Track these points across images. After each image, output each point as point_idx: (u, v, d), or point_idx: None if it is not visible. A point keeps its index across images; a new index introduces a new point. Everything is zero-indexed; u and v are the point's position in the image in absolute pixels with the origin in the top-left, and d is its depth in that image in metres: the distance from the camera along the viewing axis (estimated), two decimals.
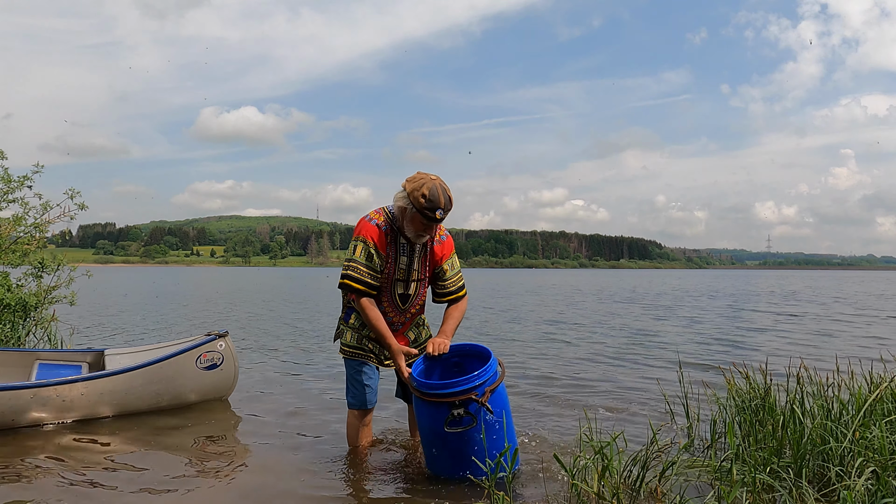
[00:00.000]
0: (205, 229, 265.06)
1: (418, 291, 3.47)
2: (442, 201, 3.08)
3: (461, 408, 2.95)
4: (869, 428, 2.92)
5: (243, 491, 3.21)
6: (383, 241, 3.26)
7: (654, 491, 2.86)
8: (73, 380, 4.30)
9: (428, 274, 3.47)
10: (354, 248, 3.26)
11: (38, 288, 6.72)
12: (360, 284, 3.22)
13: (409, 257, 3.35)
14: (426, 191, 3.05)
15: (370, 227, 3.26)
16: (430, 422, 3.07)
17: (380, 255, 3.25)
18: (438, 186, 3.08)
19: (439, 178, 3.14)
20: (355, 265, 3.23)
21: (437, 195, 3.06)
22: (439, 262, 3.46)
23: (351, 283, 3.22)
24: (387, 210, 3.33)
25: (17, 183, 6.63)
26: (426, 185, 3.07)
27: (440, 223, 3.19)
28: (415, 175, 3.18)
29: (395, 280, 3.35)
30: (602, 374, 6.55)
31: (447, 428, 2.97)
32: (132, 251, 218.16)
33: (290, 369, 6.80)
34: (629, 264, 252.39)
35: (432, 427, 3.07)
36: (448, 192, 3.13)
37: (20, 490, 3.14)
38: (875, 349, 8.20)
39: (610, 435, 3.12)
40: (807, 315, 14.66)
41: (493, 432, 3.02)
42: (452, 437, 3.00)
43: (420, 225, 3.17)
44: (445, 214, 3.12)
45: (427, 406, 3.06)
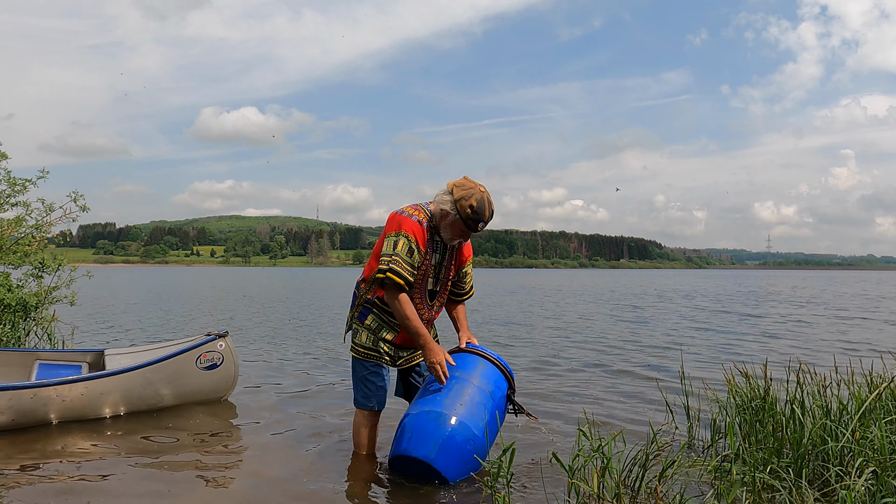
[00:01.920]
0: (205, 229, 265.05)
1: (444, 288, 3.51)
2: (487, 214, 3.16)
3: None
4: (869, 428, 2.92)
5: (244, 491, 3.21)
6: (424, 238, 3.25)
7: (653, 491, 2.87)
8: (73, 380, 4.30)
9: (454, 271, 3.53)
10: (396, 243, 3.20)
11: (39, 288, 6.72)
12: (403, 280, 3.18)
13: (441, 255, 3.39)
14: (474, 202, 3.12)
15: (413, 224, 3.22)
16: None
17: (420, 251, 3.23)
18: (486, 199, 3.15)
19: (486, 191, 3.19)
20: (398, 259, 3.18)
21: (483, 208, 3.13)
22: (464, 263, 3.56)
23: (395, 277, 3.16)
24: (424, 208, 3.30)
25: (20, 186, 6.64)
26: (475, 196, 3.13)
27: (479, 233, 3.25)
28: (463, 181, 3.20)
29: (427, 278, 3.38)
30: (601, 373, 6.55)
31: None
32: (132, 251, 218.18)
33: (290, 369, 6.80)
34: (629, 264, 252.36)
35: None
36: (492, 206, 3.20)
37: (20, 490, 3.14)
38: (802, 351, 8.26)
39: (609, 434, 3.12)
40: (767, 315, 14.53)
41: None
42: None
43: (459, 231, 3.22)
44: (485, 226, 3.20)
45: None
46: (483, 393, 3.25)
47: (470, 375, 3.31)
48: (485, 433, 3.14)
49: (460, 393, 3.20)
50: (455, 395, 3.19)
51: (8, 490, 3.12)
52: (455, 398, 3.18)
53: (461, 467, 3.12)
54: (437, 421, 3.10)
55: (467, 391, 3.21)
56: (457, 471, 3.12)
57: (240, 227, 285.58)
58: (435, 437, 3.07)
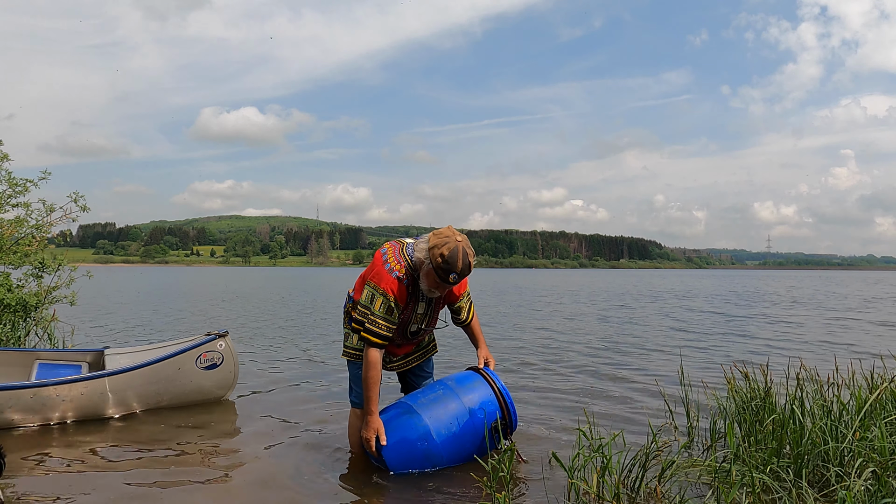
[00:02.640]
0: (205, 229, 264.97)
1: (430, 326, 3.50)
2: (459, 266, 3.02)
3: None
4: (869, 428, 2.92)
5: (243, 491, 3.21)
6: (404, 295, 3.20)
7: (653, 491, 2.87)
8: (73, 379, 4.30)
9: (442, 307, 3.52)
10: (373, 300, 3.18)
11: (39, 288, 6.72)
12: (377, 338, 3.19)
13: (427, 304, 3.36)
14: (446, 251, 3.01)
15: (391, 281, 3.17)
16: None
17: (398, 307, 3.20)
18: (460, 250, 3.03)
19: (465, 241, 3.10)
20: (374, 319, 3.17)
21: (455, 259, 3.01)
22: (456, 300, 3.51)
23: (369, 336, 3.19)
24: (406, 255, 3.24)
25: (21, 187, 6.65)
26: (448, 246, 3.02)
27: (452, 286, 3.16)
28: (443, 230, 3.13)
29: (409, 324, 3.38)
30: (601, 374, 6.55)
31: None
32: (132, 251, 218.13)
33: (290, 369, 6.80)
34: (629, 264, 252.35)
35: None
36: (469, 258, 3.06)
37: (19, 490, 3.14)
38: (783, 351, 8.23)
39: (609, 434, 3.12)
40: (753, 317, 14.50)
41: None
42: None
43: (434, 282, 3.15)
44: (460, 279, 3.08)
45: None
46: (462, 407, 3.29)
47: (460, 389, 3.36)
48: (445, 441, 3.22)
49: (439, 398, 3.31)
50: (433, 398, 3.32)
51: (7, 490, 3.12)
52: (431, 401, 3.30)
53: (403, 460, 3.25)
54: (402, 413, 3.30)
55: (447, 399, 3.30)
56: (398, 461, 3.25)
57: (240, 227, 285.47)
58: (393, 427, 3.26)
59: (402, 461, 3.26)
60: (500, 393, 3.39)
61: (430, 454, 3.24)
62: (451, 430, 3.26)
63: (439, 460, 3.27)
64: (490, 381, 3.42)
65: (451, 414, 3.27)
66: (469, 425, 3.28)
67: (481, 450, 3.30)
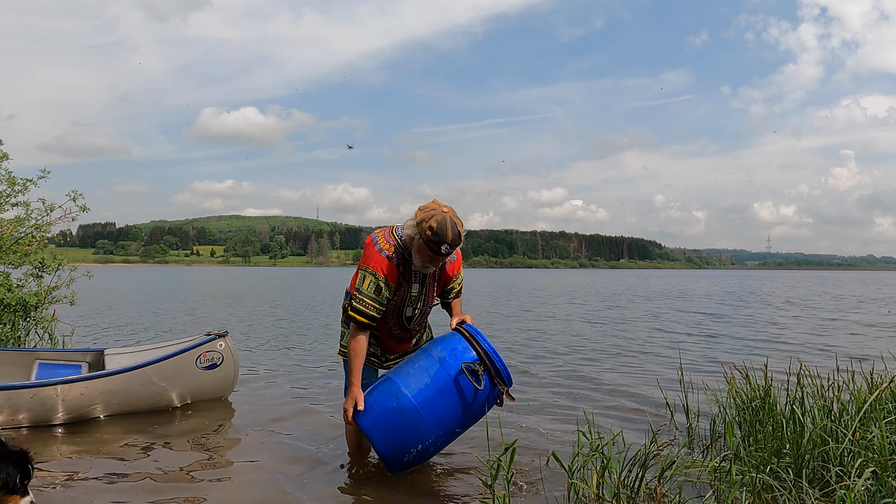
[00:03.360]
0: (205, 229, 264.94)
1: (425, 313, 3.46)
2: (449, 236, 2.99)
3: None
4: (869, 428, 2.92)
5: (243, 491, 3.21)
6: (394, 274, 3.17)
7: (653, 491, 2.87)
8: (73, 379, 4.30)
9: (437, 294, 3.47)
10: (363, 279, 3.16)
11: (39, 288, 6.72)
12: (365, 318, 3.17)
13: (420, 284, 3.30)
14: (434, 223, 2.98)
15: (380, 260, 3.15)
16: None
17: (389, 287, 3.17)
18: (448, 220, 2.99)
19: (452, 211, 3.06)
20: (362, 298, 3.15)
21: (444, 229, 2.98)
22: (450, 281, 3.46)
23: (356, 315, 3.17)
24: (396, 235, 3.21)
25: (20, 186, 6.65)
26: (435, 218, 2.99)
27: (446, 258, 3.12)
28: (428, 204, 3.10)
29: (402, 306, 3.31)
30: (600, 374, 6.55)
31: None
32: (132, 251, 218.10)
33: (290, 369, 6.81)
34: (629, 264, 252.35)
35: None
36: (458, 228, 3.04)
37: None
38: (761, 352, 8.25)
39: (609, 434, 3.12)
40: (735, 319, 14.49)
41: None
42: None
43: (426, 256, 3.11)
44: (452, 250, 3.04)
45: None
46: (429, 358, 3.15)
47: (427, 346, 3.27)
48: (419, 395, 3.03)
49: (408, 360, 3.25)
50: (403, 362, 3.27)
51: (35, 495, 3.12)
52: (401, 364, 3.25)
53: (381, 427, 3.05)
54: (379, 384, 3.20)
55: (414, 357, 3.23)
56: (377, 430, 3.06)
57: (240, 226, 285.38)
58: (369, 395, 3.16)
59: (381, 428, 3.04)
60: (472, 336, 3.17)
61: (406, 413, 3.01)
62: (423, 382, 3.06)
63: (419, 420, 3.01)
64: (461, 330, 3.24)
65: (418, 367, 3.12)
66: (441, 374, 3.08)
67: (469, 405, 3.08)
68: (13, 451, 2.54)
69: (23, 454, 2.55)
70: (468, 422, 3.20)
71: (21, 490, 2.55)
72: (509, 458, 2.73)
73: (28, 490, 2.59)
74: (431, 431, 3.07)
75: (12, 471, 2.51)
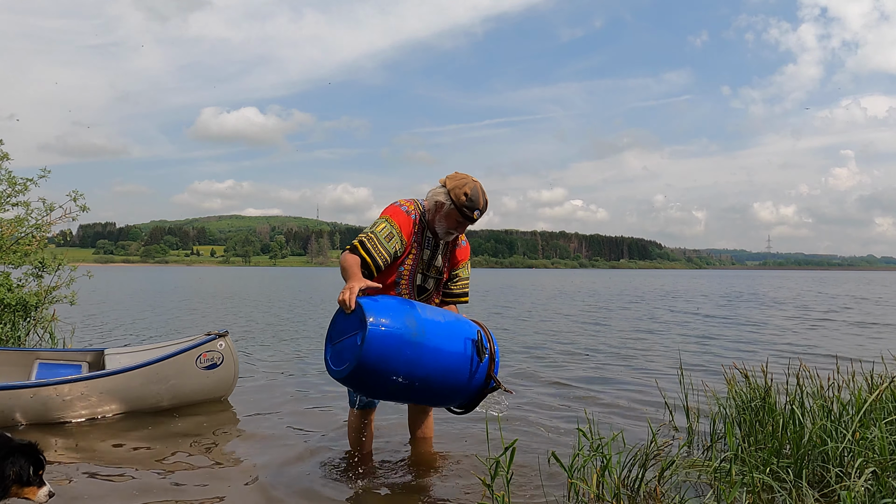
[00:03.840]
0: (205, 229, 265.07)
1: (438, 289, 3.47)
2: (481, 203, 3.17)
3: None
4: (869, 429, 2.92)
5: (243, 491, 3.21)
6: (410, 230, 3.23)
7: (653, 491, 2.87)
8: (73, 379, 4.30)
9: (447, 272, 3.48)
10: (378, 224, 3.20)
11: (39, 288, 6.73)
12: (362, 248, 3.11)
13: (432, 251, 3.35)
14: (468, 190, 3.14)
15: (401, 214, 3.23)
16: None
17: (402, 240, 3.19)
18: (479, 189, 3.18)
19: (479, 181, 3.21)
20: (369, 234, 3.16)
21: (477, 196, 3.15)
22: (458, 265, 3.51)
23: (360, 248, 3.11)
24: (419, 203, 3.32)
25: (20, 186, 6.65)
26: (468, 185, 3.15)
27: (473, 223, 3.24)
28: (455, 174, 3.24)
29: (415, 272, 3.34)
30: (600, 374, 6.55)
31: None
32: (132, 251, 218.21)
33: (290, 368, 6.81)
34: (629, 265, 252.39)
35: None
36: (486, 196, 3.21)
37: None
38: (737, 353, 8.24)
39: (609, 434, 3.12)
40: (736, 319, 14.48)
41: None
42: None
43: (454, 222, 3.20)
44: (481, 216, 3.19)
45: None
46: (448, 312, 3.09)
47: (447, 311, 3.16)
48: (429, 322, 2.88)
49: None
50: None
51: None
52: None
53: (381, 313, 2.76)
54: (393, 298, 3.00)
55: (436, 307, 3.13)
56: (375, 311, 2.76)
57: (240, 226, 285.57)
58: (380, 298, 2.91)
59: (379, 313, 2.76)
60: (481, 325, 3.10)
61: (411, 321, 2.82)
62: (437, 318, 2.95)
63: (421, 342, 2.80)
64: (472, 319, 3.15)
65: (438, 310, 3.07)
66: (455, 325, 2.98)
67: (461, 367, 2.91)
68: (21, 443, 2.56)
69: (31, 446, 2.57)
70: (450, 384, 2.94)
71: (37, 481, 2.57)
72: (509, 457, 2.73)
73: (44, 481, 2.60)
74: (422, 365, 2.81)
75: (24, 463, 2.53)
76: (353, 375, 2.75)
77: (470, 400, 3.06)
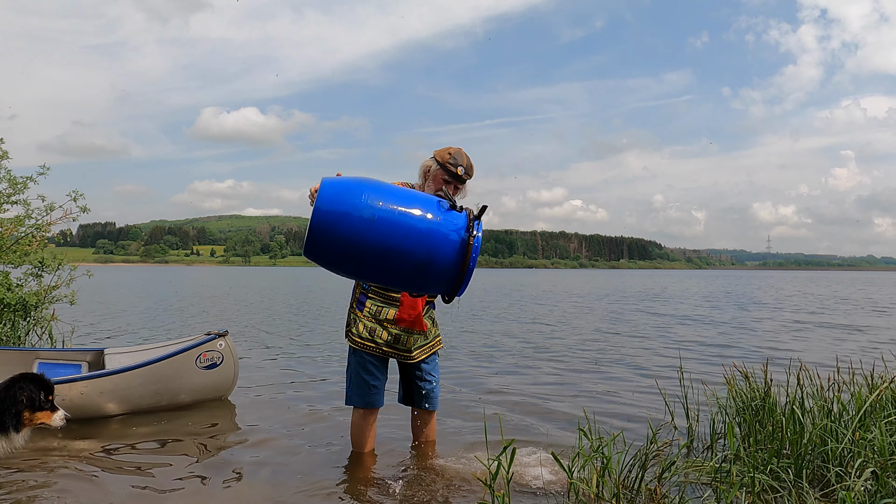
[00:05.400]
0: (205, 229, 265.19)
1: None
2: (465, 161, 3.35)
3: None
4: (869, 429, 2.92)
5: (242, 492, 3.21)
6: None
7: (653, 491, 2.87)
8: (73, 379, 4.30)
9: None
10: None
11: (39, 287, 6.72)
12: None
13: None
14: (452, 150, 3.36)
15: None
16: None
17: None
18: (463, 152, 3.39)
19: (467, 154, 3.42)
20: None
21: (461, 155, 3.35)
22: None
23: None
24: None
25: (20, 185, 6.65)
26: (452, 148, 3.38)
27: (461, 184, 3.35)
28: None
29: None
30: (600, 374, 6.55)
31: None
32: (132, 251, 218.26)
33: (290, 368, 6.80)
34: (629, 265, 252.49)
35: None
36: (470, 160, 3.40)
37: (18, 490, 3.14)
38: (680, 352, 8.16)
39: (609, 434, 3.12)
40: (735, 319, 14.45)
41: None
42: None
43: (441, 182, 3.32)
44: (467, 175, 3.34)
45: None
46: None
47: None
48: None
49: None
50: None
51: (6, 490, 3.12)
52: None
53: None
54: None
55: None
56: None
57: (240, 226, 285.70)
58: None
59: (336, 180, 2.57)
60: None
61: (371, 187, 2.54)
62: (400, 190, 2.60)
63: (383, 193, 2.54)
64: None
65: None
66: (417, 193, 2.64)
67: (435, 220, 2.54)
68: (24, 373, 2.56)
69: (33, 374, 2.57)
70: (424, 245, 2.51)
71: (49, 406, 2.56)
72: (509, 458, 2.73)
73: (56, 406, 2.59)
74: (388, 222, 2.48)
75: (34, 388, 2.52)
76: (310, 237, 2.50)
77: (457, 269, 2.55)
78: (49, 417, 2.57)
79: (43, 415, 2.56)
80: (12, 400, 2.47)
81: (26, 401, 2.50)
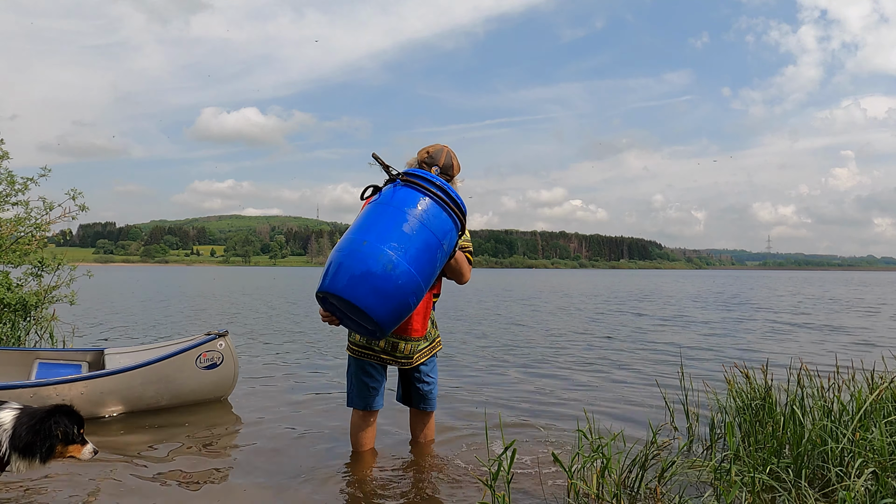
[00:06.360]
0: (205, 229, 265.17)
1: None
2: (441, 160, 3.29)
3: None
4: (869, 429, 2.92)
5: (243, 491, 3.20)
6: None
7: (653, 491, 2.87)
8: (73, 379, 4.30)
9: None
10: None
11: (39, 287, 6.72)
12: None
13: None
14: (431, 149, 3.34)
15: None
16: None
17: None
18: (444, 150, 3.33)
19: (451, 150, 3.37)
20: None
21: (439, 154, 3.30)
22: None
23: None
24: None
25: (20, 185, 6.65)
26: (434, 147, 3.35)
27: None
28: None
29: None
30: (601, 374, 6.55)
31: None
32: (132, 250, 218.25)
33: (290, 369, 6.80)
34: (629, 265, 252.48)
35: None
36: (453, 159, 3.33)
37: (18, 490, 3.14)
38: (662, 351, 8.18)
39: (609, 435, 3.12)
40: (735, 319, 14.47)
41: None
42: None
43: None
44: (445, 175, 3.25)
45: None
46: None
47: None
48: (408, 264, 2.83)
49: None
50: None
51: (6, 490, 3.12)
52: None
53: (383, 300, 2.89)
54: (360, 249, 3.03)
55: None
56: (376, 303, 2.90)
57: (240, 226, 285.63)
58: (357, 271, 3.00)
59: (380, 303, 2.93)
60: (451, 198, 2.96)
61: (401, 278, 2.84)
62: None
63: (404, 277, 2.86)
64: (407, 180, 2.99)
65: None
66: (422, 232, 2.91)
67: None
68: (59, 405, 2.55)
69: (68, 406, 2.56)
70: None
71: (80, 439, 2.55)
72: (509, 457, 2.73)
73: (86, 439, 2.58)
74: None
75: (69, 422, 2.52)
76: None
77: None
78: (79, 451, 2.57)
79: (74, 448, 2.56)
80: (47, 433, 2.47)
81: (61, 436, 2.50)
